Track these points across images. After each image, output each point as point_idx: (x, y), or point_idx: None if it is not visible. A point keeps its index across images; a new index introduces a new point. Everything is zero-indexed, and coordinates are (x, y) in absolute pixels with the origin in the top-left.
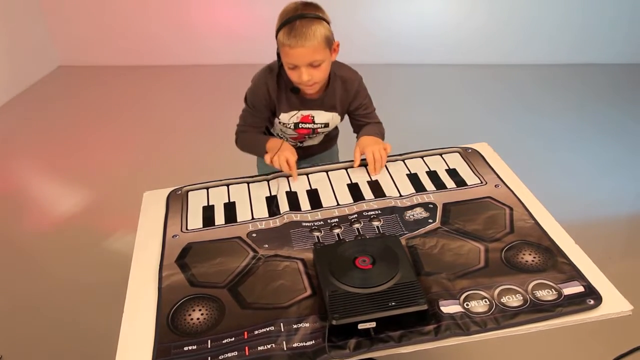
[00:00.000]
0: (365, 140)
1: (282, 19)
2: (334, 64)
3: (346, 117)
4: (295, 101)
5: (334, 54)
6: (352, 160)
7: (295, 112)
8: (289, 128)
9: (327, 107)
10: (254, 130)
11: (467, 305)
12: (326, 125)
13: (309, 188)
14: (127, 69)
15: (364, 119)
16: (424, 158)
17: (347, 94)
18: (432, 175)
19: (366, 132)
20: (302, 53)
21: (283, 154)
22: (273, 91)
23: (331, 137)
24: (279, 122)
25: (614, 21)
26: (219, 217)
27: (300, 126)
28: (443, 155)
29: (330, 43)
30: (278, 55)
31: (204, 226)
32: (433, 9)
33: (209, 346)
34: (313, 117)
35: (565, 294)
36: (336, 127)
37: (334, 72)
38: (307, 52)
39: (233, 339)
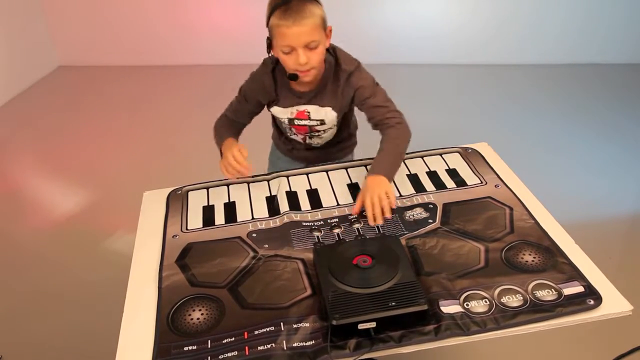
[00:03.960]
0: (368, 183)
1: (273, 3)
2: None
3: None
4: (292, 97)
5: (328, 40)
6: (353, 160)
7: (291, 108)
8: (283, 123)
9: (321, 102)
10: (232, 120)
11: (467, 305)
12: (322, 122)
13: (309, 188)
14: (127, 69)
15: (373, 113)
16: (424, 158)
17: (340, 87)
18: (432, 175)
19: (375, 167)
20: (300, 32)
21: (230, 152)
22: (270, 86)
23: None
24: (275, 116)
25: (614, 21)
26: (219, 217)
27: (295, 122)
28: (443, 155)
29: (325, 25)
30: (268, 46)
31: (204, 226)
32: (433, 9)
33: (209, 346)
34: (309, 112)
35: (565, 294)
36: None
37: (330, 60)
38: (305, 31)
39: (233, 339)
